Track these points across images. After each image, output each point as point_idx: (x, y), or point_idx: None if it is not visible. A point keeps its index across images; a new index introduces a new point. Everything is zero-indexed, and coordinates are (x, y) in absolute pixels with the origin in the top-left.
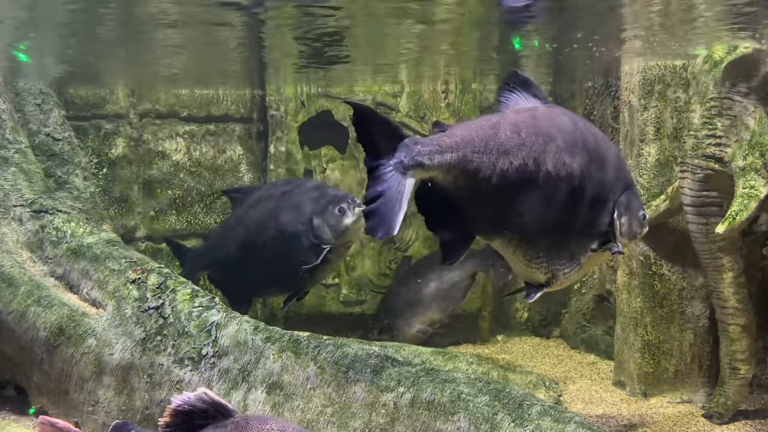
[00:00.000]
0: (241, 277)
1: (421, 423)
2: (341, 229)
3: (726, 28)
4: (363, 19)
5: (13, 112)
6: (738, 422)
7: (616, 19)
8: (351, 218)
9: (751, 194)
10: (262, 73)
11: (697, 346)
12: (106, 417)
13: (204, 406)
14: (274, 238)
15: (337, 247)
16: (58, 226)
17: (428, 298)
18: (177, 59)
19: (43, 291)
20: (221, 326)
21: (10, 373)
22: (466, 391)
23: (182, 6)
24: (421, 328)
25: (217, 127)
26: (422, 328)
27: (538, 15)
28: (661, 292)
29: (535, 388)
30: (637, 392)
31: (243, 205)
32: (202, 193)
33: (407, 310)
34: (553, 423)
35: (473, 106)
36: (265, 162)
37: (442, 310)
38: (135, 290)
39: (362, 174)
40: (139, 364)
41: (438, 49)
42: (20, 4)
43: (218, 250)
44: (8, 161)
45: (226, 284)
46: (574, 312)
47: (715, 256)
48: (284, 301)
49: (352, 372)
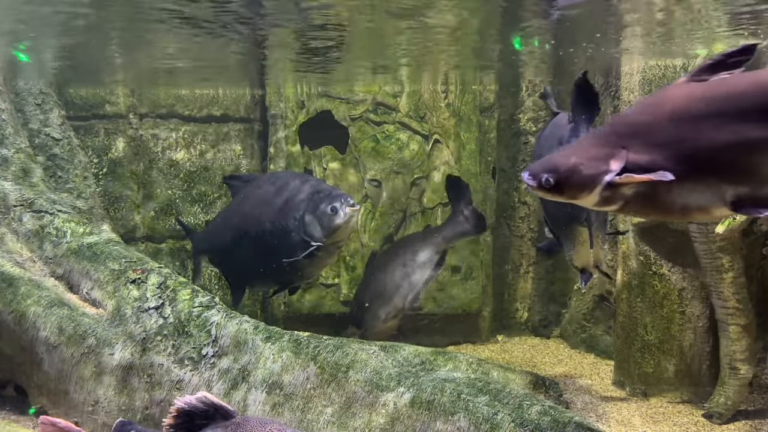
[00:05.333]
0: (235, 265)
1: (421, 423)
2: (332, 228)
3: (726, 28)
4: (363, 19)
5: (13, 112)
6: (738, 422)
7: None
8: (342, 218)
9: None
10: (262, 73)
11: (697, 346)
12: (106, 417)
13: (204, 407)
14: (266, 231)
15: (327, 245)
16: (58, 226)
17: (393, 286)
18: (177, 59)
19: (43, 291)
20: (221, 326)
21: (10, 373)
22: (466, 391)
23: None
24: (386, 318)
25: (217, 127)
26: (386, 318)
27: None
28: (661, 292)
29: (535, 388)
30: (637, 392)
31: (241, 194)
32: (202, 193)
33: (375, 301)
34: (553, 423)
35: (473, 106)
36: (265, 162)
37: (404, 296)
38: (135, 290)
39: (362, 174)
40: (139, 364)
41: (438, 50)
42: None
43: (216, 236)
44: (8, 161)
45: (223, 271)
46: (574, 312)
47: (715, 256)
48: (273, 291)
49: (352, 372)
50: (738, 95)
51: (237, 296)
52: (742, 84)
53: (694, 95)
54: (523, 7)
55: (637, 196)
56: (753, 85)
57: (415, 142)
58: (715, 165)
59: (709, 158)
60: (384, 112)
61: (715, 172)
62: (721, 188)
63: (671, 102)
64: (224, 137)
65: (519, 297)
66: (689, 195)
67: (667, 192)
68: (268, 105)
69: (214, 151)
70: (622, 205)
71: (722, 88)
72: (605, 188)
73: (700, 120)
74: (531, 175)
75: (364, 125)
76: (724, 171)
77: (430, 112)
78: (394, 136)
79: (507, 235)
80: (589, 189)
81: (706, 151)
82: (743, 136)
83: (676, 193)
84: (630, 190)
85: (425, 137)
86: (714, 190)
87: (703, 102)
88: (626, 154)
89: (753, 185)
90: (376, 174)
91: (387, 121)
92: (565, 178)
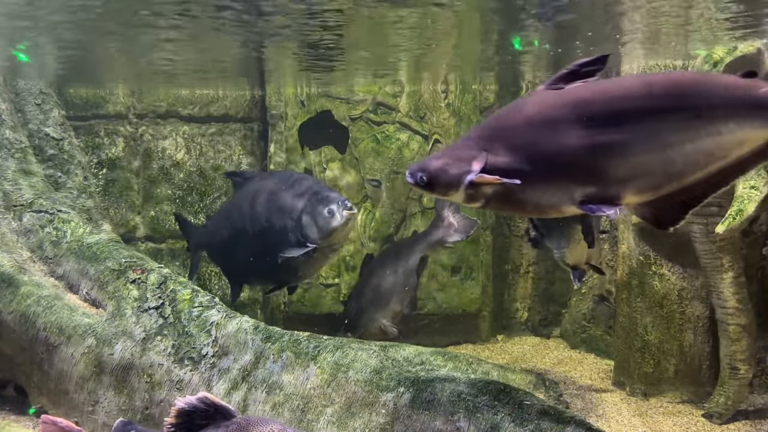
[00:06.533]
0: (232, 262)
1: (421, 423)
2: (328, 230)
3: (726, 28)
4: (363, 18)
5: (13, 112)
6: (738, 422)
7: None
8: (339, 221)
9: (751, 194)
10: (262, 73)
11: (697, 346)
12: (106, 417)
13: (205, 408)
14: (263, 229)
15: (323, 247)
16: (58, 226)
17: (388, 291)
18: (177, 59)
19: (43, 291)
20: (221, 326)
21: (10, 373)
22: (466, 391)
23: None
24: (385, 322)
25: (217, 127)
26: (386, 322)
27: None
28: (661, 292)
29: (535, 388)
30: (637, 392)
31: (241, 192)
32: (202, 193)
33: (370, 305)
34: (553, 423)
35: (473, 106)
36: (265, 162)
37: (401, 300)
38: (135, 290)
39: (362, 174)
40: (139, 364)
41: (438, 49)
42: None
43: (215, 232)
44: (8, 161)
45: (221, 266)
46: (574, 312)
47: (715, 256)
48: (269, 290)
49: (352, 372)
50: (585, 103)
51: (235, 292)
52: (589, 92)
53: (547, 102)
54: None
55: (495, 195)
56: (598, 94)
57: (415, 142)
58: (563, 167)
59: (558, 161)
60: (384, 112)
61: (564, 174)
62: (570, 189)
63: (527, 108)
64: (224, 137)
65: (519, 297)
66: (541, 195)
67: (522, 192)
68: (268, 105)
69: (214, 151)
70: (484, 203)
71: (572, 96)
72: (468, 187)
73: (551, 126)
74: (410, 174)
75: (364, 125)
76: (572, 173)
77: (430, 112)
78: (394, 136)
79: (507, 235)
80: (455, 187)
81: (555, 155)
82: (589, 141)
83: (530, 193)
84: (490, 189)
85: (425, 137)
86: (564, 191)
87: (554, 109)
88: (486, 156)
89: (599, 186)
90: (376, 174)
91: (387, 121)
92: (435, 177)
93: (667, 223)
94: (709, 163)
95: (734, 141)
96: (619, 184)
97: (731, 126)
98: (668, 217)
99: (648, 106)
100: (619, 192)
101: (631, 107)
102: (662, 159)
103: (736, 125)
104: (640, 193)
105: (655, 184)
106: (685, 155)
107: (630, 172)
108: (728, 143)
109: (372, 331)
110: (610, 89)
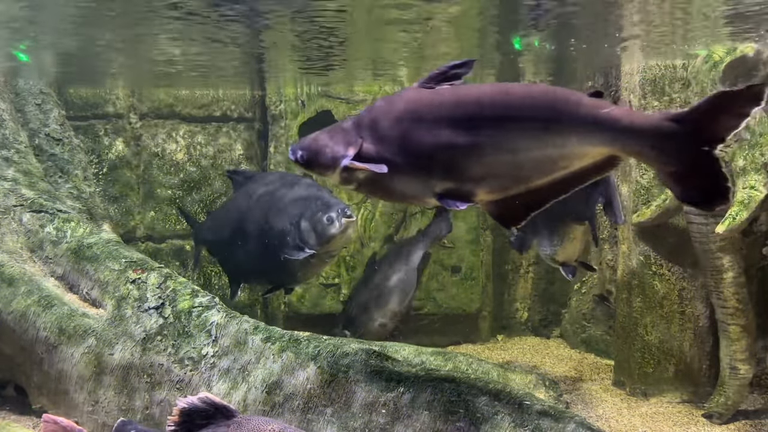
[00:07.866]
0: (230, 260)
1: (421, 423)
2: (326, 237)
3: (726, 28)
4: (363, 18)
5: (13, 112)
6: (738, 422)
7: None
8: (337, 228)
9: (751, 194)
10: (262, 73)
11: (697, 346)
12: (106, 417)
13: (206, 407)
14: (263, 231)
15: (320, 253)
16: (58, 226)
17: (387, 290)
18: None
19: (43, 291)
20: (221, 326)
21: (10, 373)
22: (466, 391)
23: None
24: (383, 321)
25: (217, 127)
26: (383, 321)
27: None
28: (661, 292)
29: (535, 388)
30: (637, 392)
31: (242, 191)
32: (202, 192)
33: (370, 304)
34: (553, 423)
35: None
36: (265, 162)
37: (401, 301)
38: (135, 290)
39: None
40: (139, 364)
41: (438, 48)
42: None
43: (215, 229)
44: (8, 161)
45: (221, 263)
46: (574, 312)
47: (715, 256)
48: (266, 291)
49: (352, 372)
50: (447, 104)
51: (234, 289)
52: (451, 95)
53: (417, 100)
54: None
55: (366, 180)
56: (462, 97)
57: None
58: (424, 162)
59: (420, 156)
60: None
61: (425, 168)
62: (430, 182)
63: (400, 103)
64: (224, 137)
65: (519, 297)
66: (405, 184)
67: (389, 180)
68: (268, 105)
69: (214, 151)
70: (357, 186)
71: (439, 97)
72: (343, 170)
73: (417, 122)
74: (291, 150)
75: None
76: (433, 168)
77: None
78: None
79: (507, 235)
80: (332, 169)
81: (418, 150)
82: (448, 141)
83: (396, 182)
84: (362, 174)
85: None
86: (425, 183)
87: (421, 106)
88: (361, 143)
89: (456, 182)
90: None
91: None
92: (314, 156)
93: (510, 221)
94: (554, 171)
95: (576, 154)
96: (473, 182)
97: (573, 140)
98: (512, 217)
99: (503, 114)
100: (473, 189)
101: (488, 114)
102: (512, 164)
103: (577, 140)
104: (491, 192)
105: (504, 185)
106: (532, 162)
107: (483, 173)
108: (571, 155)
109: (371, 330)
110: (473, 95)
